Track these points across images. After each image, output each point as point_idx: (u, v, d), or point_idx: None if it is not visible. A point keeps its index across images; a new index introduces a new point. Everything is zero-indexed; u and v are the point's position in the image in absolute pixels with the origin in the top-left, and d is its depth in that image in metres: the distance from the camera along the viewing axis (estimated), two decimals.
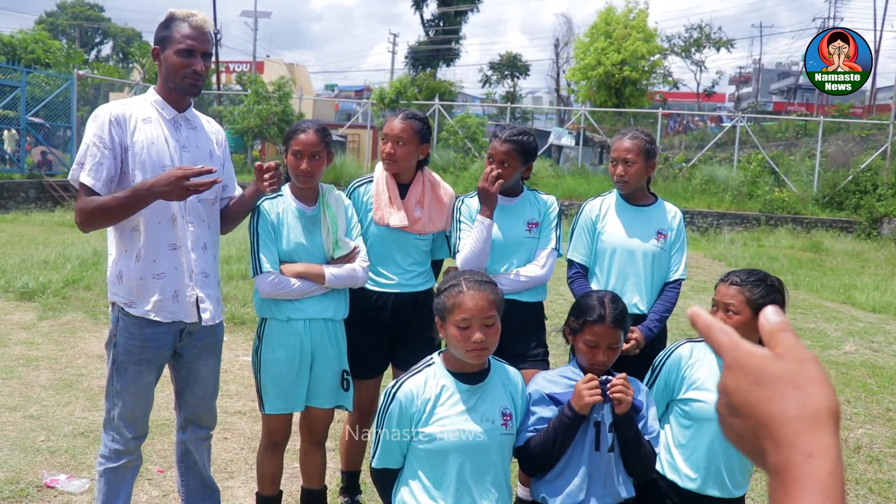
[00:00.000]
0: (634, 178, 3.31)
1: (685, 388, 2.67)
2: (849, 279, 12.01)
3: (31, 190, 17.56)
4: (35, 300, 7.54)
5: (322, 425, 3.28)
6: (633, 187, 3.35)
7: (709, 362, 2.66)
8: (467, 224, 3.34)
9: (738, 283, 2.58)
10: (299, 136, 3.06)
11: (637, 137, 3.34)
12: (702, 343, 2.71)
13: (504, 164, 3.23)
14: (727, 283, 2.62)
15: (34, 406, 4.77)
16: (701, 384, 2.64)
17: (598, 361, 2.49)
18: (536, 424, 2.47)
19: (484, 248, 3.19)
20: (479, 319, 2.28)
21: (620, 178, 3.31)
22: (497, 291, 2.36)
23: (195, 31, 2.72)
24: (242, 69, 33.20)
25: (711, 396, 2.60)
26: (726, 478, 2.62)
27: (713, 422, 2.61)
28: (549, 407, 2.48)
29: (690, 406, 2.64)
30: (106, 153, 2.66)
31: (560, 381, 2.54)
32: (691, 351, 2.70)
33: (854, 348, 7.37)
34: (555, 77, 40.22)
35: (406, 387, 2.36)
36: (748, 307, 2.54)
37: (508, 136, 3.25)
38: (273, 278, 3.02)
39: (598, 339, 2.48)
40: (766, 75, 58.60)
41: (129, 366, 2.75)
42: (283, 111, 24.06)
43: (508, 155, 3.23)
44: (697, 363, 2.66)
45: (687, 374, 2.67)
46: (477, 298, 2.29)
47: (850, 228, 19.40)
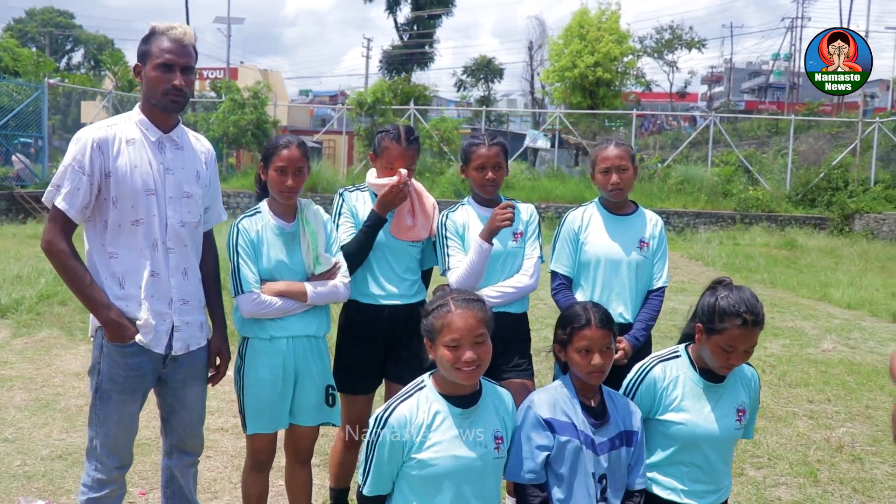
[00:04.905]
0: (629, 185, 3.32)
1: (661, 410, 2.68)
2: (824, 276, 12.19)
3: (2, 202, 17.25)
4: (8, 317, 7.41)
5: (307, 443, 3.23)
6: (626, 194, 3.36)
7: (682, 380, 2.68)
8: (455, 241, 3.34)
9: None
10: (282, 153, 3.02)
11: (622, 144, 3.36)
12: (672, 361, 2.73)
13: (497, 168, 3.30)
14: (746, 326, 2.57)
15: (9, 429, 4.67)
16: (677, 405, 2.66)
17: (596, 366, 2.48)
18: (534, 455, 2.44)
19: (481, 270, 3.23)
20: (469, 339, 2.26)
21: (616, 186, 3.30)
22: (485, 309, 2.35)
23: (174, 45, 2.66)
24: (216, 76, 32.94)
25: (689, 416, 2.64)
26: (710, 491, 2.66)
27: (695, 441, 2.64)
28: (546, 433, 2.45)
29: (670, 429, 2.66)
30: (83, 179, 2.61)
31: (556, 404, 2.52)
32: (664, 371, 2.71)
33: (832, 346, 7.46)
34: (529, 80, 40.37)
35: (398, 412, 2.32)
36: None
37: (495, 140, 3.32)
38: (255, 298, 2.98)
39: (591, 343, 2.49)
40: (737, 74, 59.33)
41: (113, 394, 2.69)
42: (258, 118, 23.89)
43: (499, 157, 3.30)
44: (671, 384, 2.68)
45: (663, 396, 2.68)
46: (466, 317, 2.27)
47: (823, 225, 19.70)
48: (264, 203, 3.15)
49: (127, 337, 2.64)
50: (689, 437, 2.64)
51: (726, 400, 2.69)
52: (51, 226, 2.63)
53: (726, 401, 2.68)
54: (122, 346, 2.66)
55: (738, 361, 2.59)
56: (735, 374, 2.74)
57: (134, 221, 2.66)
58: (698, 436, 2.63)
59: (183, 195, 2.76)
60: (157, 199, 2.69)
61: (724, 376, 2.68)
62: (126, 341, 2.65)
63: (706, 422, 2.64)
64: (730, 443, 2.73)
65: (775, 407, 5.49)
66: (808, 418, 5.28)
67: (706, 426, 2.63)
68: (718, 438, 2.65)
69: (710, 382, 2.68)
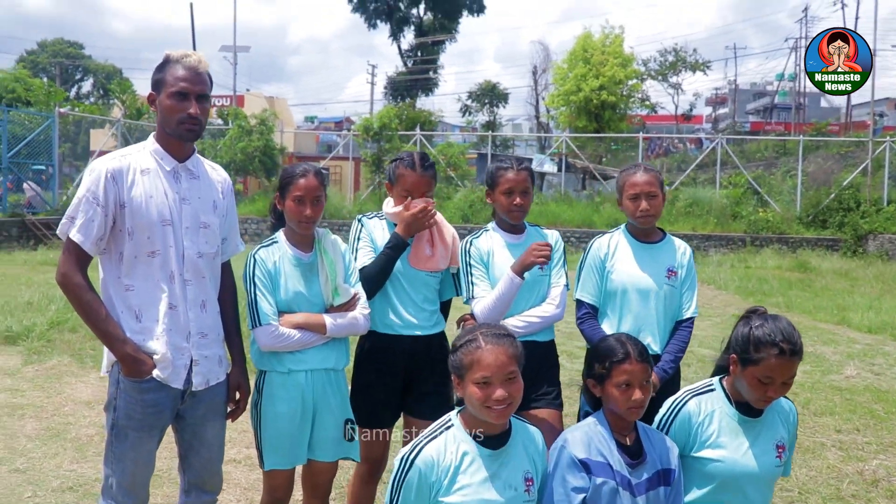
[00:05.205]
0: (658, 212, 3.22)
1: (697, 447, 2.58)
2: (841, 299, 12.00)
3: (14, 228, 17.36)
4: (19, 344, 7.36)
5: (325, 479, 3.13)
6: (656, 221, 3.26)
7: (717, 415, 2.59)
8: (479, 268, 3.26)
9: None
10: (299, 182, 2.95)
11: (651, 170, 3.27)
12: (706, 394, 2.63)
13: (524, 194, 3.23)
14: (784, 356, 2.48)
15: (20, 459, 4.59)
16: (714, 441, 2.56)
17: (637, 401, 2.40)
18: (570, 498, 2.33)
19: (509, 302, 3.15)
20: (500, 376, 2.17)
21: (645, 213, 3.19)
22: (516, 344, 2.26)
23: (189, 73, 2.61)
24: (223, 103, 33.14)
25: (727, 453, 2.54)
26: None
27: (735, 479, 2.53)
28: (581, 475, 2.35)
29: (707, 466, 2.56)
30: (98, 210, 2.55)
31: (591, 443, 2.42)
32: (698, 406, 2.61)
33: (855, 372, 7.29)
34: (534, 104, 40.49)
35: (426, 453, 2.22)
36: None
37: (522, 165, 3.26)
38: (273, 331, 2.89)
39: (631, 378, 2.41)
40: (742, 96, 59.45)
41: (129, 431, 2.61)
42: (265, 145, 24.00)
43: (527, 183, 3.24)
44: (707, 419, 2.58)
45: (699, 432, 2.58)
46: (496, 353, 2.18)
47: (836, 246, 19.53)
48: (281, 233, 3.08)
49: (144, 372, 2.57)
50: (727, 476, 2.53)
51: (765, 436, 2.58)
52: (66, 258, 2.57)
53: (765, 437, 2.58)
54: (140, 381, 2.57)
55: (777, 394, 2.49)
56: (772, 408, 2.63)
57: (150, 253, 2.59)
58: (737, 474, 2.52)
59: (200, 225, 2.70)
60: (174, 229, 2.63)
61: (761, 411, 2.58)
62: (143, 377, 2.57)
63: (745, 459, 2.53)
64: (770, 481, 2.61)
65: (802, 437, 5.31)
66: (838, 449, 5.10)
67: (745, 463, 2.53)
68: (759, 477, 2.54)
69: (747, 417, 2.57)
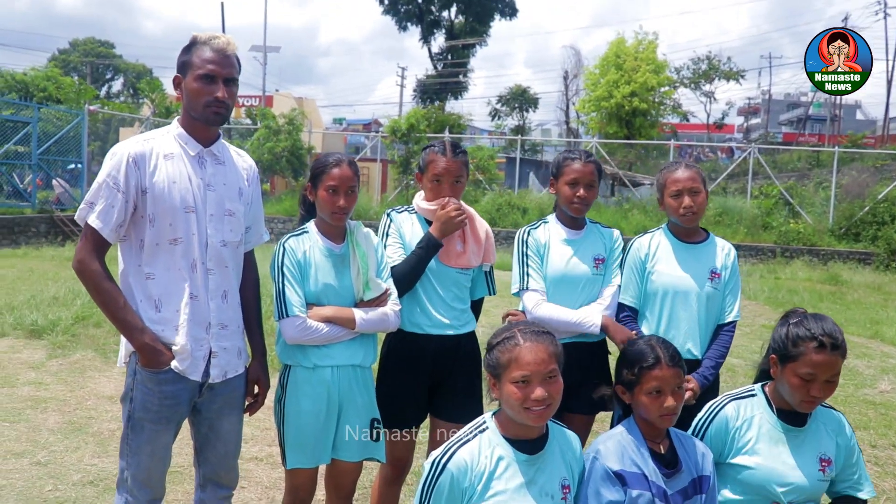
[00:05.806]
0: (702, 209, 3.10)
1: (733, 453, 2.47)
2: (874, 313, 11.73)
3: (42, 225, 17.55)
4: (44, 338, 7.37)
5: (350, 479, 3.04)
6: (699, 219, 3.13)
7: (757, 421, 2.47)
8: (535, 259, 3.19)
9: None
10: (333, 171, 2.87)
11: (692, 166, 3.15)
12: (746, 399, 2.51)
13: (589, 187, 3.16)
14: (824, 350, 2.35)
15: (42, 452, 4.56)
16: (750, 448, 2.45)
17: (669, 408, 2.28)
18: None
19: (567, 329, 3.09)
20: (540, 375, 2.06)
21: (688, 210, 3.07)
22: (556, 342, 2.15)
23: (217, 55, 2.52)
24: (252, 103, 33.36)
25: (761, 461, 2.42)
26: None
27: (767, 490, 2.41)
28: (616, 488, 2.23)
29: (742, 473, 2.44)
30: (118, 196, 2.47)
31: (624, 454, 2.30)
32: (737, 411, 2.49)
33: (890, 387, 7.08)
34: (564, 109, 40.28)
35: (458, 456, 2.11)
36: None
37: (590, 158, 3.18)
38: (300, 323, 2.80)
39: (662, 384, 2.29)
40: (775, 106, 58.69)
41: (146, 423, 2.53)
42: (292, 145, 24.08)
43: (593, 176, 3.17)
44: (744, 424, 2.47)
45: (735, 437, 2.47)
46: (536, 351, 2.07)
47: (868, 260, 19.10)
48: (311, 223, 3.00)
49: (162, 363, 2.49)
50: (760, 485, 2.40)
51: (808, 446, 2.44)
52: (83, 244, 2.49)
53: (808, 447, 2.44)
54: (157, 372, 2.50)
55: (821, 394, 2.34)
56: (819, 420, 2.50)
57: (172, 240, 2.51)
58: (771, 483, 2.39)
59: (225, 213, 2.61)
60: (197, 216, 2.54)
61: (805, 420, 2.44)
62: (161, 367, 2.49)
63: (784, 468, 2.39)
64: (813, 494, 2.46)
65: None
66: (874, 465, 4.93)
67: (782, 472, 2.39)
68: (799, 488, 2.40)
69: (790, 426, 2.44)
